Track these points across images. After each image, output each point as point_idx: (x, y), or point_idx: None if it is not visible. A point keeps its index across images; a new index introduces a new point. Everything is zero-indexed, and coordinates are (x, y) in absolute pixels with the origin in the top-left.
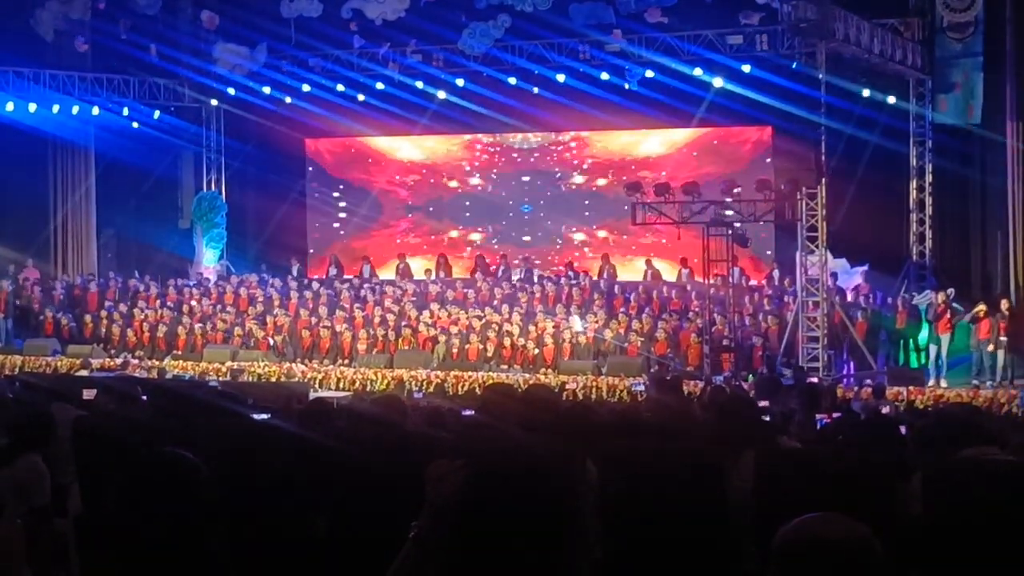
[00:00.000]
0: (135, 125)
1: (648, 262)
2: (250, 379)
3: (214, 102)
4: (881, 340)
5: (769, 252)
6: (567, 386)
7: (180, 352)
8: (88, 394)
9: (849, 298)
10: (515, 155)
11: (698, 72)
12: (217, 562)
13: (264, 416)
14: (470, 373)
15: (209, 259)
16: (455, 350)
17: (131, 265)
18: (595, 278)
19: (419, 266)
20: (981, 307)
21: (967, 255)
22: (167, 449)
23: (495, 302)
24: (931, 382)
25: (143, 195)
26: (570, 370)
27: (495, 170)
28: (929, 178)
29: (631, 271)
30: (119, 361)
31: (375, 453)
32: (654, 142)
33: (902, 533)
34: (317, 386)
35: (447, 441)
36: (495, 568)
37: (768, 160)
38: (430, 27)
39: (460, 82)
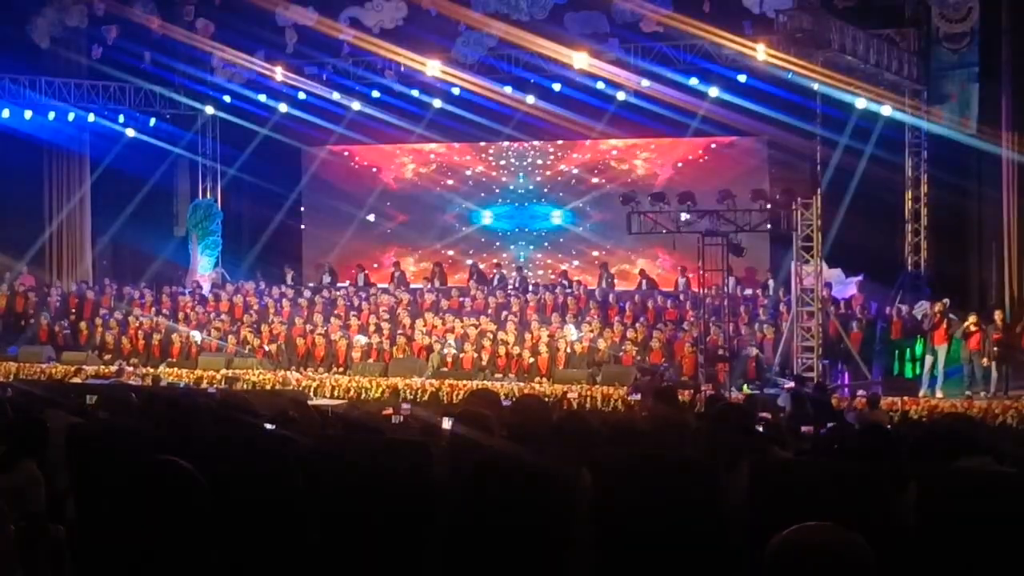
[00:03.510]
0: (131, 133)
1: (643, 272)
2: (245, 387)
3: (210, 110)
4: (876, 350)
5: (764, 262)
6: (568, 395)
7: (175, 360)
8: (90, 400)
9: (844, 308)
10: (510, 163)
11: (694, 82)
12: (211, 569)
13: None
14: (465, 382)
15: (204, 267)
16: (450, 359)
17: (126, 272)
18: (593, 287)
19: (414, 274)
20: (972, 319)
21: (962, 266)
22: (161, 456)
23: (490, 311)
24: (923, 392)
25: (138, 202)
26: (565, 379)
27: (490, 178)
28: (924, 188)
29: (628, 280)
30: (114, 368)
31: (368, 462)
32: (649, 152)
33: (896, 543)
34: (312, 394)
35: (442, 451)
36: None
37: (764, 170)
38: (427, 35)
39: (456, 91)
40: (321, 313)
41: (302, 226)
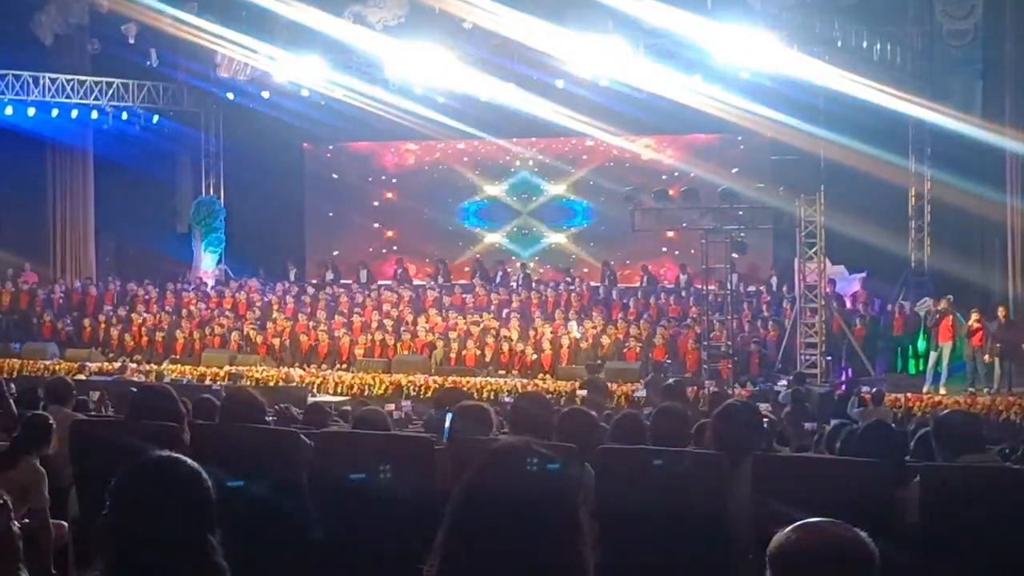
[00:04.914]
0: (134, 129)
1: (645, 268)
2: (248, 384)
3: (214, 104)
4: (879, 347)
5: (767, 259)
6: (578, 392)
7: (178, 356)
8: (94, 396)
9: (847, 305)
10: (512, 161)
11: (697, 78)
12: (214, 567)
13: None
14: (468, 378)
15: (207, 263)
16: (452, 355)
17: (129, 269)
18: (596, 284)
19: (417, 271)
20: (975, 316)
21: (965, 262)
22: (165, 453)
23: (493, 307)
24: (926, 388)
25: (142, 199)
26: (568, 375)
27: (493, 175)
28: (928, 185)
29: (631, 278)
30: (117, 365)
31: (370, 457)
32: (652, 149)
33: (900, 539)
34: (315, 391)
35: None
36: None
37: (767, 166)
38: (430, 32)
39: (459, 88)
40: (324, 310)
41: (305, 223)
